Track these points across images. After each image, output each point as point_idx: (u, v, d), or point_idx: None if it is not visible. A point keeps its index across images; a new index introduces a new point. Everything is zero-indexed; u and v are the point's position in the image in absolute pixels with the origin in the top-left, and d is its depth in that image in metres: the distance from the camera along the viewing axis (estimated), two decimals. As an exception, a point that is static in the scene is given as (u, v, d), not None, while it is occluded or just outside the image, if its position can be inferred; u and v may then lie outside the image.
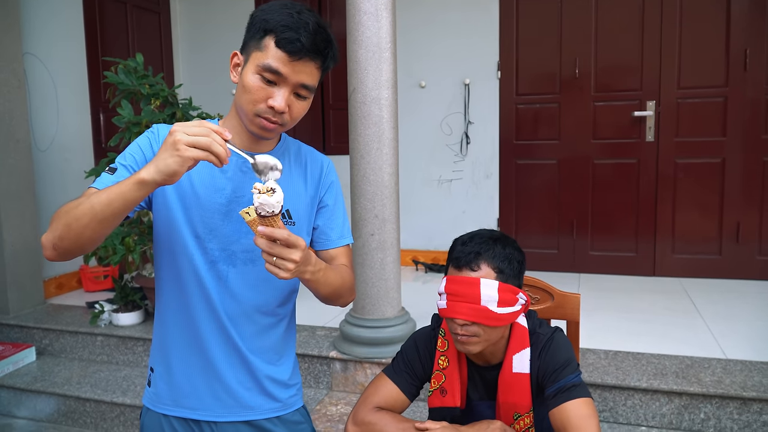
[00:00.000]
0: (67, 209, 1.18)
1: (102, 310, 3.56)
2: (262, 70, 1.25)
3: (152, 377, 1.45)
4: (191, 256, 1.35)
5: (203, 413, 1.40)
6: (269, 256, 1.15)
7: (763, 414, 2.48)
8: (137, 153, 1.33)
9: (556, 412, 1.37)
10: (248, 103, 1.28)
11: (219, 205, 1.35)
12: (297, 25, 1.24)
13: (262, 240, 1.14)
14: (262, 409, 1.43)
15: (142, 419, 1.47)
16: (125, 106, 3.29)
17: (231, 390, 1.40)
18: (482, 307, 1.37)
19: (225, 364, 1.39)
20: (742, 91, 4.08)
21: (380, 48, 2.84)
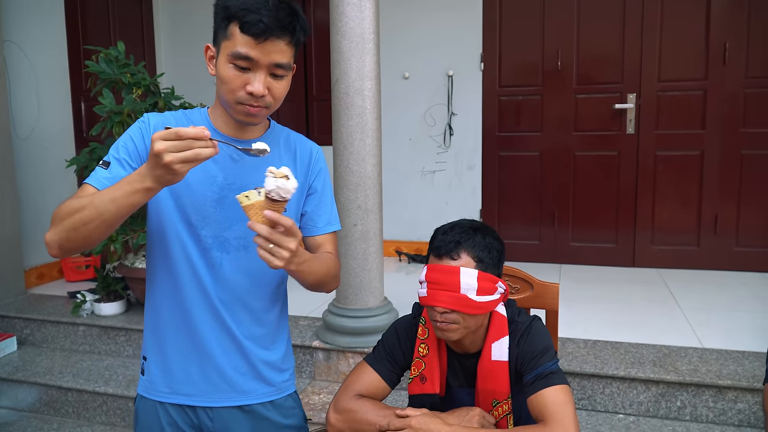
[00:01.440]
0: (69, 210, 1.19)
1: (84, 300, 3.54)
2: (234, 58, 1.26)
3: (145, 365, 1.46)
4: (184, 244, 1.36)
5: (198, 399, 1.43)
6: (266, 243, 1.15)
7: (738, 402, 2.54)
8: (129, 144, 1.33)
9: (533, 399, 1.40)
10: (227, 93, 1.30)
11: (211, 193, 1.36)
12: (257, 5, 1.24)
13: (263, 226, 1.14)
14: (256, 393, 1.46)
15: (137, 407, 1.48)
16: (106, 95, 3.26)
17: (226, 375, 1.42)
18: (462, 296, 1.39)
19: (219, 349, 1.41)
20: (721, 85, 4.14)
21: (363, 38, 2.84)
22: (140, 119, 1.38)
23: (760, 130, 4.12)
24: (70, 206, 1.20)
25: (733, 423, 2.55)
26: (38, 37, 4.20)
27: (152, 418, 1.45)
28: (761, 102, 4.09)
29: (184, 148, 1.09)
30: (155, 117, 1.39)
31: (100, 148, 3.37)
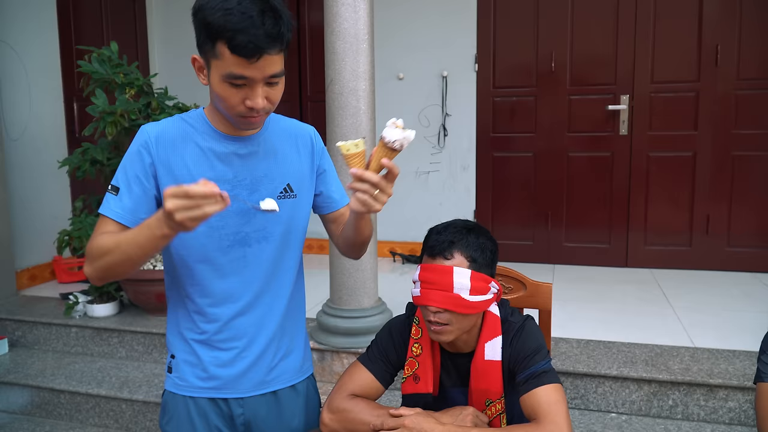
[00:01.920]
0: (99, 252, 1.29)
1: (76, 302, 3.53)
2: (228, 78, 1.25)
3: (174, 363, 1.49)
4: (205, 247, 1.39)
5: (230, 391, 1.47)
6: (372, 188, 1.23)
7: (728, 400, 2.56)
8: (135, 164, 1.35)
9: (526, 398, 1.40)
10: (226, 109, 1.31)
11: (225, 191, 1.35)
12: (243, 23, 1.19)
13: (373, 174, 1.23)
14: (282, 378, 1.52)
15: (165, 403, 1.51)
16: (99, 95, 3.26)
17: (255, 364, 1.47)
18: (455, 295, 1.39)
19: (250, 340, 1.46)
20: (713, 86, 4.17)
21: (358, 39, 2.84)
22: (139, 134, 1.39)
23: (752, 132, 4.14)
24: (99, 247, 1.29)
25: (724, 421, 2.57)
26: (30, 36, 4.18)
27: (182, 412, 1.48)
28: (753, 104, 4.12)
29: (194, 207, 1.12)
30: (153, 127, 1.39)
31: (92, 149, 3.36)
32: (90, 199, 3.59)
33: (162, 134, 1.37)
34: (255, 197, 1.40)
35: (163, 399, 1.52)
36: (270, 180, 1.43)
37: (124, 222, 1.33)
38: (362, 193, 1.24)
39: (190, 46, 1.39)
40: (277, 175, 1.44)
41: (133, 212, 1.34)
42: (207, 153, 1.38)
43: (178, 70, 5.15)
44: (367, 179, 1.22)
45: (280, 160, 1.45)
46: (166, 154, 1.36)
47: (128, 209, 1.34)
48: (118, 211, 1.34)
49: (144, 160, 1.35)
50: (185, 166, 1.36)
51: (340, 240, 1.55)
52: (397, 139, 1.23)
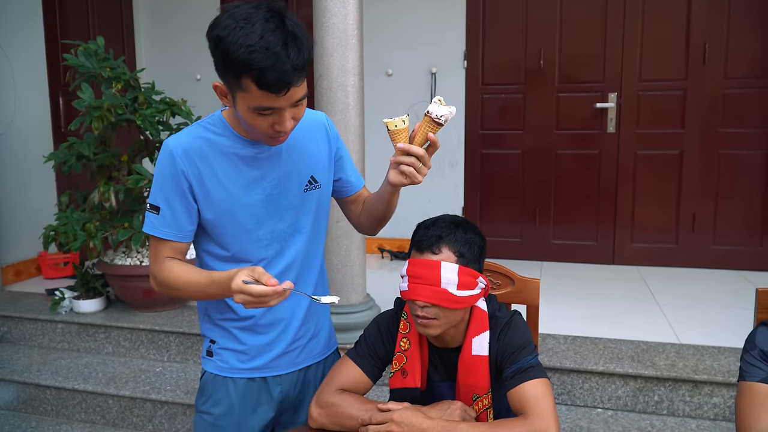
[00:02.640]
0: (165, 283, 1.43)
1: (62, 297, 3.50)
2: (256, 110, 1.27)
3: (213, 348, 1.57)
4: (244, 246, 1.47)
5: (271, 371, 1.57)
6: (416, 161, 1.32)
7: (713, 396, 2.58)
8: (170, 183, 1.40)
9: (513, 393, 1.41)
10: (255, 132, 1.34)
11: (257, 195, 1.44)
12: (269, 62, 1.19)
13: (418, 147, 1.32)
14: (314, 353, 1.64)
15: (205, 383, 1.58)
16: (85, 89, 3.23)
17: (293, 345, 1.58)
18: (442, 290, 1.40)
19: (287, 324, 1.55)
20: (700, 85, 4.20)
21: (347, 34, 2.84)
22: (165, 151, 1.41)
23: (737, 130, 4.18)
24: (167, 279, 1.43)
25: (709, 417, 2.59)
26: (15, 30, 4.14)
27: (222, 393, 1.56)
28: (739, 102, 4.15)
29: (258, 303, 1.25)
30: (177, 142, 1.41)
31: (78, 144, 3.33)
32: (76, 194, 3.55)
33: (188, 148, 1.40)
34: (283, 193, 1.47)
35: (202, 380, 1.60)
36: (296, 174, 1.49)
37: (173, 239, 1.43)
38: (407, 166, 1.32)
39: (177, 40, 1.38)
40: (302, 169, 1.50)
41: (179, 228, 1.43)
42: (233, 159, 1.42)
43: (164, 64, 5.11)
44: (414, 152, 1.31)
45: (302, 153, 1.50)
46: (196, 168, 1.40)
47: (174, 227, 1.42)
48: (166, 230, 1.42)
49: (177, 177, 1.39)
50: (215, 176, 1.41)
51: (362, 217, 1.64)
52: (443, 114, 1.30)
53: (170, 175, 1.40)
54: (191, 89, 4.85)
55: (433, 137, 1.32)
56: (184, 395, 2.88)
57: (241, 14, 1.22)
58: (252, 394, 1.57)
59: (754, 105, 4.13)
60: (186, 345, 3.24)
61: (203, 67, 4.90)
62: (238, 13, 1.23)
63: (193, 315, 3.43)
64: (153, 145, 3.56)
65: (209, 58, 1.29)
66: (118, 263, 3.42)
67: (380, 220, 1.60)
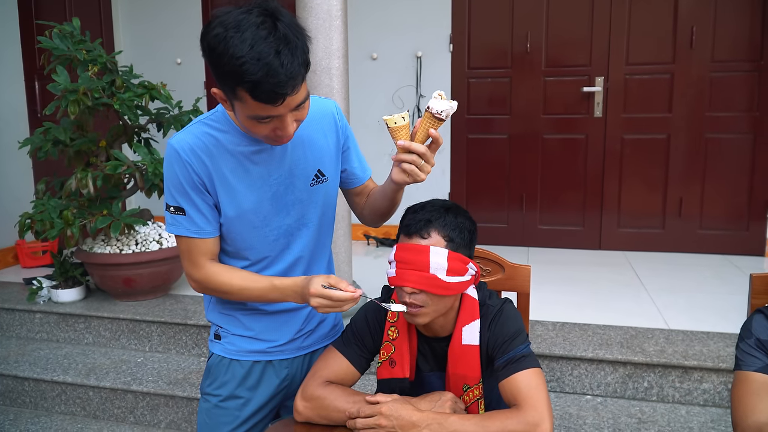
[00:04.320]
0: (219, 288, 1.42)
1: (40, 287, 3.42)
2: (255, 118, 1.22)
3: (221, 332, 1.57)
4: (251, 242, 1.45)
5: (278, 355, 1.57)
6: (418, 159, 1.29)
7: (703, 382, 2.57)
8: (187, 183, 1.36)
9: (506, 383, 1.36)
10: (257, 136, 1.30)
11: (264, 192, 1.41)
12: (261, 74, 1.12)
13: (419, 145, 1.28)
14: (319, 340, 1.64)
15: (211, 365, 1.59)
16: (61, 72, 3.12)
17: (302, 331, 1.58)
18: (431, 275, 1.35)
19: (299, 310, 1.56)
20: (687, 68, 4.17)
21: (331, 16, 2.76)
22: (169, 153, 1.37)
23: (724, 114, 4.16)
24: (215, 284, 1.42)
25: (699, 403, 2.58)
26: (-12, 11, 4.00)
27: (228, 374, 1.56)
28: (726, 86, 4.13)
29: (335, 306, 1.29)
30: (183, 142, 1.36)
31: (54, 129, 3.23)
32: (53, 181, 3.45)
33: (194, 146, 1.36)
34: (290, 189, 1.44)
35: (208, 363, 1.60)
36: (302, 169, 1.44)
37: (205, 236, 1.40)
38: (409, 164, 1.29)
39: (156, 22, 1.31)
40: (309, 163, 1.45)
41: (209, 224, 1.40)
42: (239, 157, 1.38)
43: (144, 47, 4.99)
44: (415, 150, 1.28)
45: (308, 146, 1.45)
46: (204, 165, 1.36)
47: (202, 224, 1.40)
48: (196, 229, 1.40)
49: (192, 177, 1.36)
50: (222, 174, 1.37)
51: (365, 210, 1.61)
52: (444, 109, 1.26)
53: (183, 175, 1.36)
54: (172, 73, 4.74)
55: (434, 133, 1.29)
56: (166, 386, 2.82)
57: (231, 21, 1.15)
58: (256, 376, 1.57)
59: (741, 89, 4.12)
60: (168, 335, 3.17)
61: (184, 51, 4.78)
62: (228, 20, 1.15)
63: (176, 304, 3.35)
64: (132, 130, 3.46)
65: (190, 41, 1.23)
66: (98, 251, 3.33)
67: (384, 215, 1.57)
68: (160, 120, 3.46)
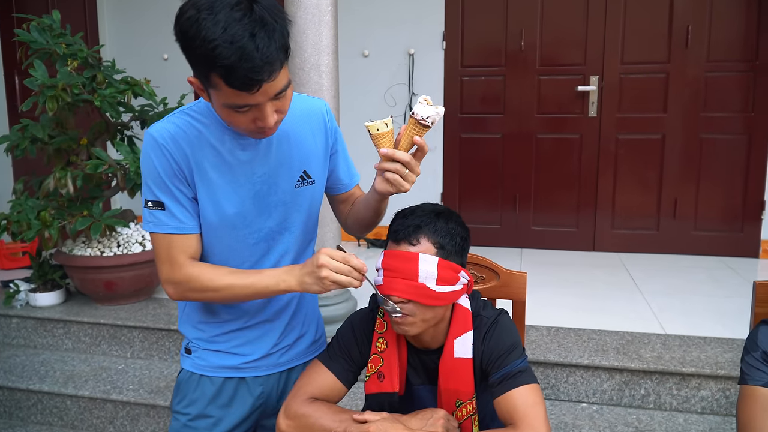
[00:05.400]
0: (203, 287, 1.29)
1: (17, 290, 3.30)
2: (231, 107, 1.13)
3: (191, 345, 1.47)
4: (230, 244, 1.35)
5: (251, 371, 1.46)
6: (402, 168, 1.22)
7: (701, 389, 2.50)
8: (166, 172, 1.26)
9: (501, 400, 1.28)
10: (237, 128, 1.22)
11: (246, 191, 1.33)
12: (234, 58, 1.05)
13: (403, 153, 1.21)
14: (298, 357, 1.53)
15: (180, 381, 1.49)
16: (38, 66, 3.01)
17: (277, 347, 1.48)
18: (420, 284, 1.26)
19: (272, 323, 1.46)
20: (683, 68, 4.10)
21: (320, 10, 2.67)
22: (147, 143, 1.28)
23: (719, 115, 4.10)
24: (197, 285, 1.29)
25: (696, 410, 2.51)
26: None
27: (197, 391, 1.46)
28: (721, 86, 4.07)
29: (343, 272, 1.20)
30: (163, 131, 1.27)
31: (32, 126, 3.12)
32: (32, 180, 3.34)
33: (175, 135, 1.27)
34: (273, 189, 1.35)
35: (178, 379, 1.50)
36: (287, 169, 1.37)
37: (187, 231, 1.30)
38: (392, 173, 1.22)
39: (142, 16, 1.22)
40: (294, 163, 1.38)
41: (190, 218, 1.31)
42: (221, 152, 1.30)
43: (129, 42, 4.87)
44: (399, 159, 1.21)
45: (294, 145, 1.37)
46: (186, 156, 1.28)
47: (184, 218, 1.30)
48: (177, 224, 1.30)
49: (171, 166, 1.27)
50: (204, 169, 1.29)
51: (349, 219, 1.53)
52: (429, 115, 1.19)
53: (161, 164, 1.26)
54: (158, 69, 4.63)
55: (419, 141, 1.23)
56: (148, 395, 2.72)
57: (204, 3, 1.07)
58: (228, 395, 1.47)
59: (736, 89, 4.06)
60: (150, 340, 3.07)
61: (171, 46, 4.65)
62: (202, 2, 1.07)
63: (159, 308, 3.25)
64: (114, 128, 3.35)
65: None
66: (78, 254, 3.22)
67: (367, 226, 1.49)
68: (144, 117, 3.35)
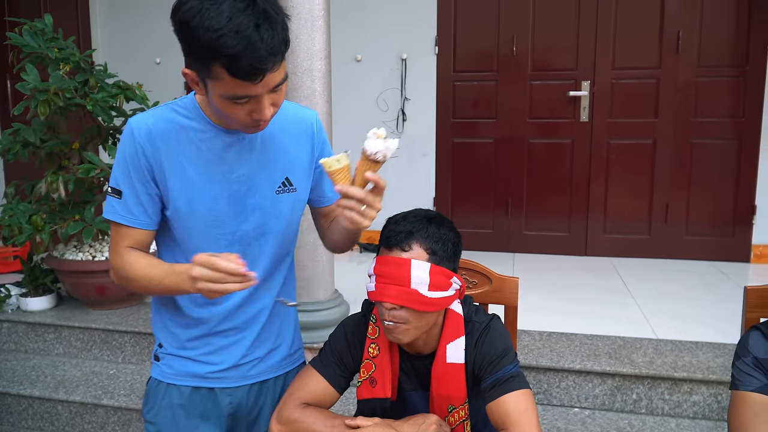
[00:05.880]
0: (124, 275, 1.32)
1: (8, 294, 3.29)
2: (230, 98, 1.14)
3: (160, 352, 1.45)
4: (202, 243, 1.33)
5: (220, 382, 1.43)
6: (358, 204, 1.19)
7: (693, 394, 2.51)
8: (132, 165, 1.28)
9: (494, 406, 1.29)
10: (232, 122, 1.20)
11: (222, 190, 1.32)
12: (240, 47, 1.06)
13: (358, 189, 1.18)
14: (271, 369, 1.49)
15: (149, 391, 1.47)
16: (30, 70, 3.00)
17: (247, 358, 1.43)
18: (412, 291, 1.27)
19: (241, 332, 1.42)
20: (674, 73, 4.13)
21: (312, 15, 2.68)
22: (128, 131, 1.29)
23: (710, 120, 4.13)
24: (126, 273, 1.31)
25: (688, 415, 2.52)
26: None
27: (166, 401, 1.43)
28: (712, 91, 4.10)
29: (218, 281, 1.13)
30: (142, 123, 1.28)
31: (24, 130, 3.10)
32: (23, 184, 3.32)
33: (152, 130, 1.28)
34: (252, 192, 1.34)
35: (147, 386, 1.48)
36: (268, 173, 1.36)
37: (135, 225, 1.31)
38: (349, 210, 1.20)
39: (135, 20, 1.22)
40: (276, 168, 1.37)
41: (142, 214, 1.31)
42: (200, 148, 1.30)
43: (121, 46, 4.86)
44: (352, 195, 1.19)
45: (278, 151, 1.37)
46: (159, 153, 1.28)
47: (136, 212, 1.30)
48: (127, 216, 1.30)
49: (139, 160, 1.28)
50: (178, 162, 1.29)
51: (326, 237, 1.53)
52: (378, 150, 1.17)
53: (131, 156, 1.28)
54: (150, 73, 4.63)
55: (372, 177, 1.19)
56: (139, 400, 2.70)
57: None
58: (197, 405, 1.44)
59: (727, 94, 4.09)
60: (142, 345, 3.06)
61: (163, 50, 4.66)
62: None
63: (150, 313, 3.22)
64: (106, 132, 3.34)
65: (169, 40, 1.15)
66: (69, 258, 3.21)
67: (341, 250, 1.50)
68: (136, 122, 3.34)
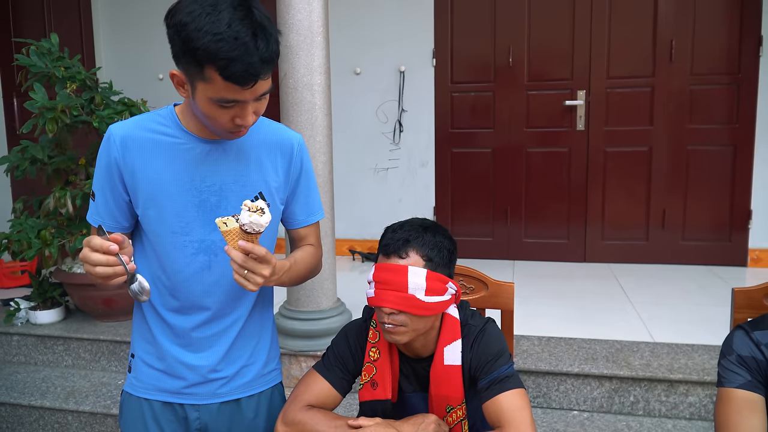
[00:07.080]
0: None
1: (18, 308, 3.35)
2: (218, 101, 1.20)
3: (133, 363, 1.47)
4: (168, 249, 1.36)
5: (187, 398, 1.43)
6: (240, 269, 1.20)
7: (689, 395, 2.56)
8: (104, 169, 1.34)
9: (489, 405, 1.35)
10: (214, 126, 1.26)
11: (191, 197, 1.34)
12: (237, 52, 1.13)
13: (238, 253, 1.19)
14: (243, 388, 1.48)
15: (122, 404, 1.49)
16: (38, 89, 3.08)
17: (216, 374, 1.43)
18: (409, 296, 1.33)
19: (208, 347, 1.42)
20: (668, 81, 4.20)
21: (312, 32, 2.75)
22: (105, 136, 1.35)
23: (705, 126, 4.20)
24: None
25: (685, 416, 2.57)
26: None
27: (136, 414, 1.45)
28: (706, 99, 4.17)
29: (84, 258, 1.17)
30: (119, 129, 1.34)
31: (32, 147, 3.18)
32: (31, 200, 3.39)
33: (128, 137, 1.33)
34: (223, 203, 1.36)
35: (120, 399, 1.50)
36: (242, 185, 1.38)
37: (105, 228, 1.30)
38: (234, 272, 1.22)
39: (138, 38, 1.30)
40: (249, 182, 1.38)
41: (110, 218, 1.36)
42: (173, 155, 1.34)
43: (125, 63, 4.95)
44: (233, 257, 1.20)
45: (254, 166, 1.39)
46: (131, 158, 1.33)
47: (106, 215, 1.36)
48: (96, 218, 1.36)
49: (110, 165, 1.33)
50: (150, 167, 1.33)
51: None
52: (245, 222, 1.18)
53: (105, 162, 1.34)
54: (153, 89, 4.71)
55: (245, 246, 1.18)
56: (147, 409, 2.76)
57: (206, 1, 1.15)
58: (166, 420, 1.44)
59: (721, 101, 4.16)
60: (149, 355, 3.12)
61: (166, 66, 4.73)
62: (202, 1, 1.16)
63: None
64: (112, 148, 3.41)
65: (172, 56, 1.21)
66: (77, 271, 3.28)
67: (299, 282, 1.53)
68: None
